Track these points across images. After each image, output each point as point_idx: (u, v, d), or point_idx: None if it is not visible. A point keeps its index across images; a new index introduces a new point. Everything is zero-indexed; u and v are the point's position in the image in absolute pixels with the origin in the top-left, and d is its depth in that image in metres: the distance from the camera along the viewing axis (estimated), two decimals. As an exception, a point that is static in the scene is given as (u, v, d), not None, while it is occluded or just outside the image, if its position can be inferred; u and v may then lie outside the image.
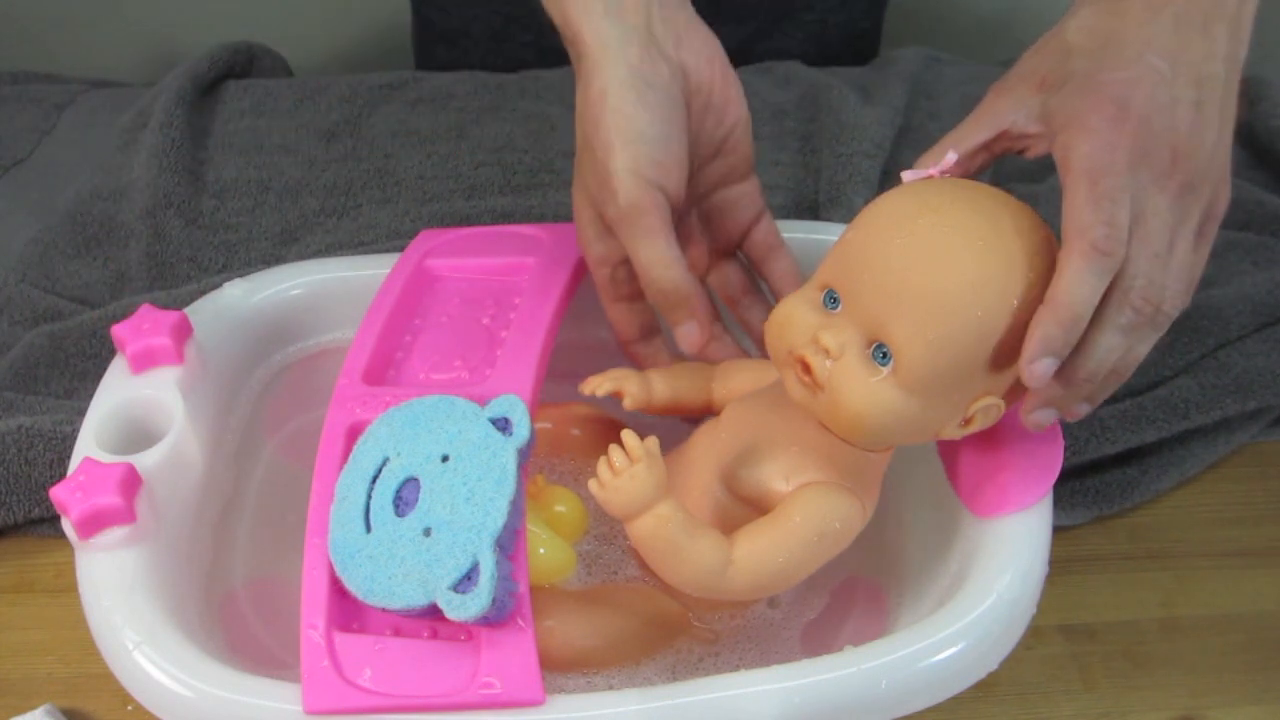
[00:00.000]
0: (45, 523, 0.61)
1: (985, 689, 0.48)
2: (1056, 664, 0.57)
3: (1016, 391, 0.47)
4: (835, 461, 0.49)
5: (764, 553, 0.47)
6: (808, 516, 0.48)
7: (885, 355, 0.45)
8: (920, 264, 0.45)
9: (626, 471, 0.45)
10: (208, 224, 0.79)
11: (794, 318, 0.47)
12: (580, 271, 0.58)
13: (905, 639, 0.44)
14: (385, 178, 0.82)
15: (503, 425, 0.47)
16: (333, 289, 0.60)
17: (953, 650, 0.44)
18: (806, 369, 0.46)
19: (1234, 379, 0.65)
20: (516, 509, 0.45)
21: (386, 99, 0.89)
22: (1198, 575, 0.61)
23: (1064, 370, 0.45)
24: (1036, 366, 0.44)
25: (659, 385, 0.55)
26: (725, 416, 0.53)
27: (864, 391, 0.46)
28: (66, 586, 0.56)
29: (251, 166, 0.83)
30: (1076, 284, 0.43)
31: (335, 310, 0.59)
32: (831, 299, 0.47)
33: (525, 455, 0.47)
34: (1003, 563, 0.46)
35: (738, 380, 0.55)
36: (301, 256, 0.74)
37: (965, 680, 0.45)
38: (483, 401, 0.48)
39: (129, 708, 0.54)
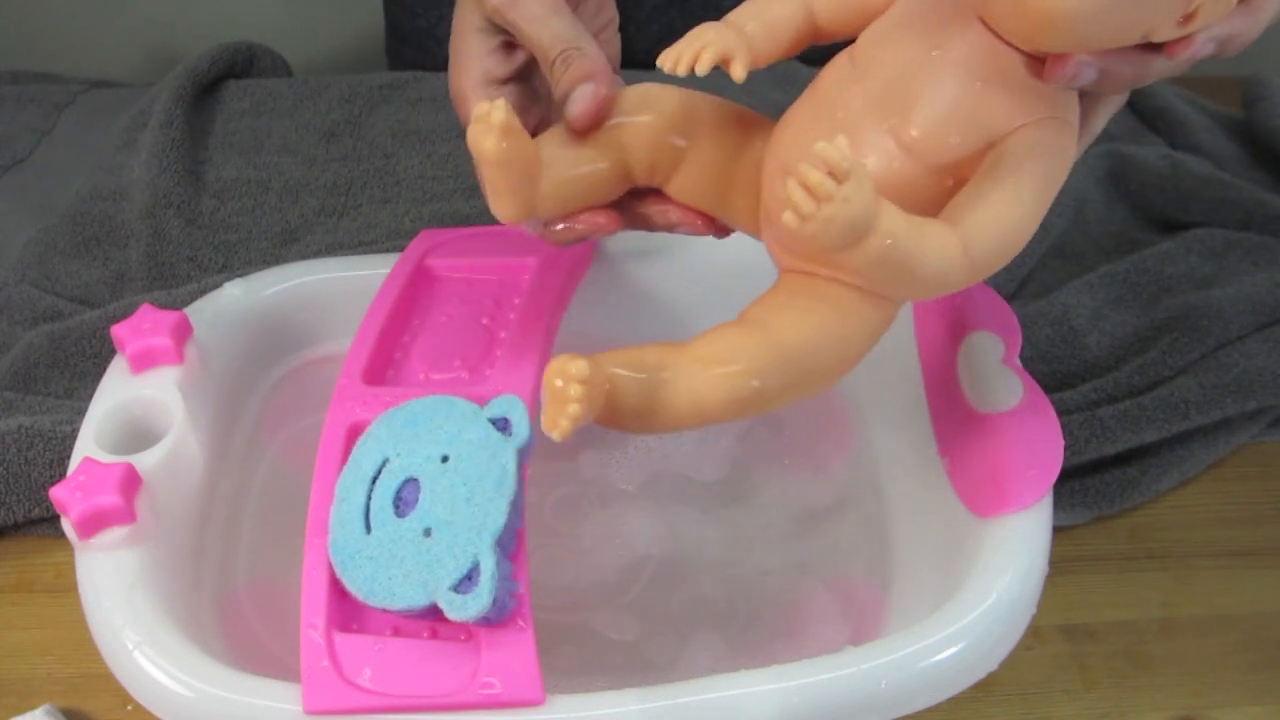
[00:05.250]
0: (45, 523, 0.61)
1: (985, 689, 0.48)
2: (1056, 664, 0.57)
3: None
4: (1031, 90, 0.40)
5: (996, 221, 0.39)
6: (1024, 163, 0.39)
7: None
8: None
9: (836, 196, 0.35)
10: (208, 224, 0.79)
11: None
12: (580, 271, 0.58)
13: (905, 639, 0.44)
14: (385, 178, 0.82)
15: (502, 425, 0.47)
16: (333, 289, 0.60)
17: (953, 650, 0.44)
18: None
19: (1234, 379, 0.65)
20: (516, 509, 0.45)
21: (386, 99, 0.89)
22: (1198, 575, 0.61)
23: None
24: None
25: (753, 27, 0.43)
26: (866, 57, 0.42)
27: None
28: (66, 586, 0.56)
29: (251, 166, 0.83)
30: None
31: (335, 310, 0.59)
32: None
33: (525, 455, 0.47)
34: (1003, 563, 0.46)
35: None
36: (301, 256, 0.74)
37: (965, 680, 0.45)
38: (483, 401, 0.48)
39: (129, 708, 0.53)
